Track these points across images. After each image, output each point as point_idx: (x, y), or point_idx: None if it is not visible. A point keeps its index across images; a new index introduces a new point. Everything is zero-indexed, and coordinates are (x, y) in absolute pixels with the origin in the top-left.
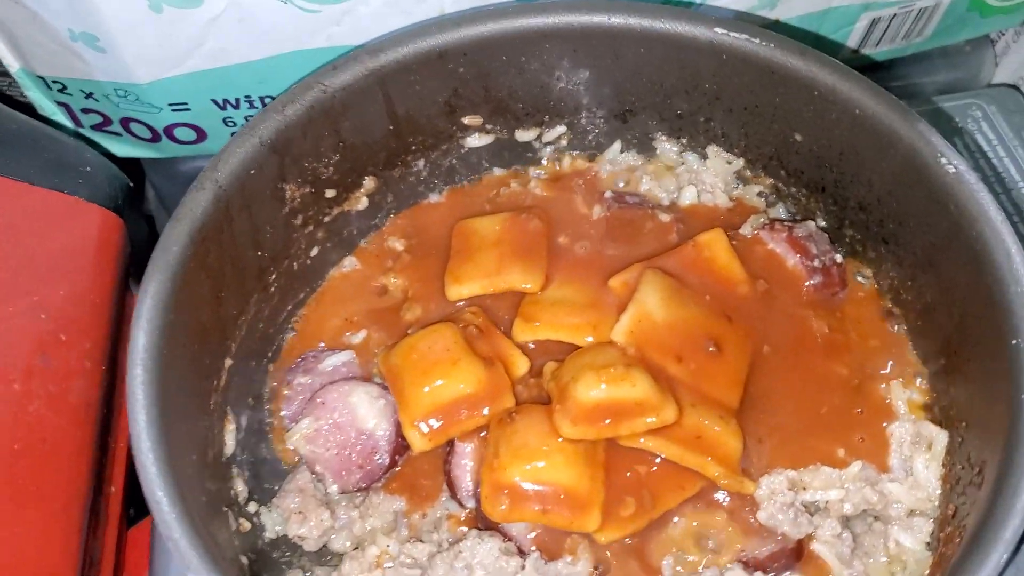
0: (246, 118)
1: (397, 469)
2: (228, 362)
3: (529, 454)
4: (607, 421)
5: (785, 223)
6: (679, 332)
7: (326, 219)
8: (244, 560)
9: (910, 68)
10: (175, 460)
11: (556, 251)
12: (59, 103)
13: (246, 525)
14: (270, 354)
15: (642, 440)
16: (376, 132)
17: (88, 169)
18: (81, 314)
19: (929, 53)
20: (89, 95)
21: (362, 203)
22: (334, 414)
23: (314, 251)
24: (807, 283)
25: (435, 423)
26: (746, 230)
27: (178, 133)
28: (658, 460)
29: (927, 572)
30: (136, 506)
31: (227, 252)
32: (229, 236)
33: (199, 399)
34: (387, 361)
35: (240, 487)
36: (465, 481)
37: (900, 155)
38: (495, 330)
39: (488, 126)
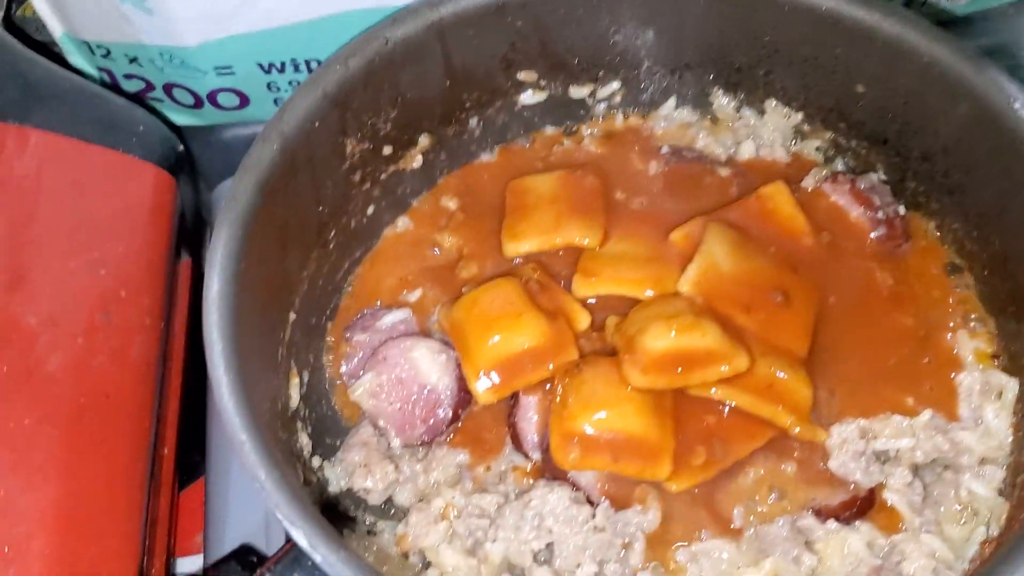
0: (289, 83)
1: (459, 424)
2: (292, 316)
3: (598, 403)
4: (678, 370)
5: (848, 175)
6: (746, 282)
7: (382, 176)
8: None
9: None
10: (253, 406)
11: (613, 207)
12: (101, 69)
13: (311, 479)
14: (329, 311)
15: (713, 390)
16: (433, 87)
17: (141, 128)
18: (139, 271)
19: (969, 17)
20: (133, 60)
21: (417, 161)
22: (396, 369)
23: (370, 209)
24: (871, 235)
25: (500, 376)
26: (808, 183)
27: (221, 99)
28: (727, 410)
29: (1004, 517)
30: (183, 472)
31: (292, 205)
32: (294, 189)
33: (269, 350)
34: (449, 316)
35: (304, 441)
36: (530, 433)
37: (970, 102)
38: (555, 285)
39: (543, 82)
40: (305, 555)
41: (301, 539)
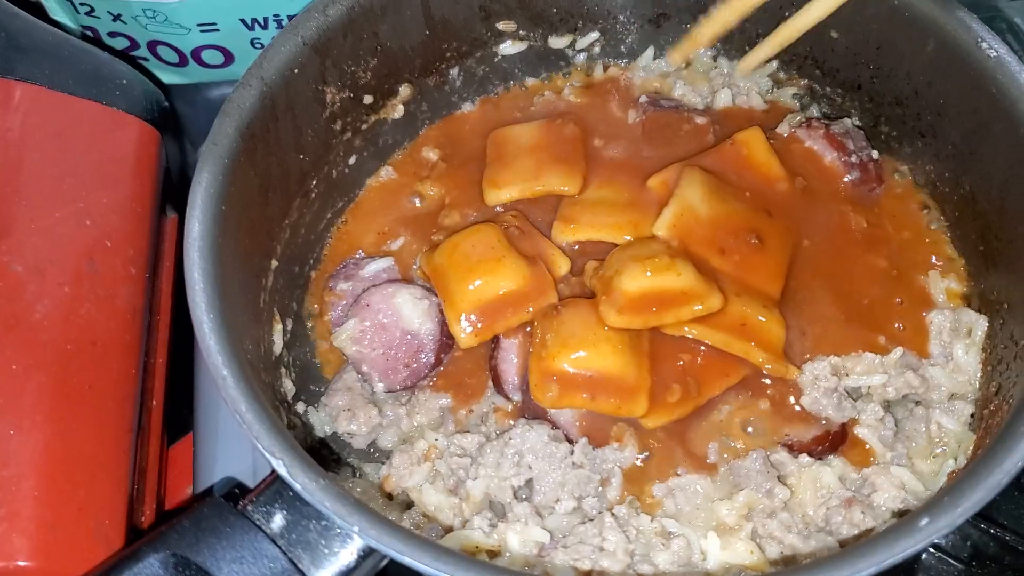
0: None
1: (442, 368)
2: (274, 263)
3: (577, 343)
4: (653, 310)
5: (822, 121)
6: (721, 225)
7: (363, 127)
8: None
9: None
10: (235, 345)
11: (592, 155)
12: (85, 28)
13: (296, 423)
14: (311, 261)
15: (687, 328)
16: (413, 36)
17: (124, 82)
18: (124, 222)
19: None
20: (117, 17)
21: (398, 111)
22: (379, 315)
23: (352, 159)
24: (845, 179)
25: (481, 320)
26: (783, 128)
27: (205, 56)
28: (703, 349)
29: (971, 448)
30: (172, 429)
31: (273, 151)
32: (275, 135)
33: (251, 295)
34: (430, 262)
35: (288, 386)
36: (511, 375)
37: (939, 43)
38: (535, 231)
39: (522, 32)
40: (287, 486)
41: (281, 468)
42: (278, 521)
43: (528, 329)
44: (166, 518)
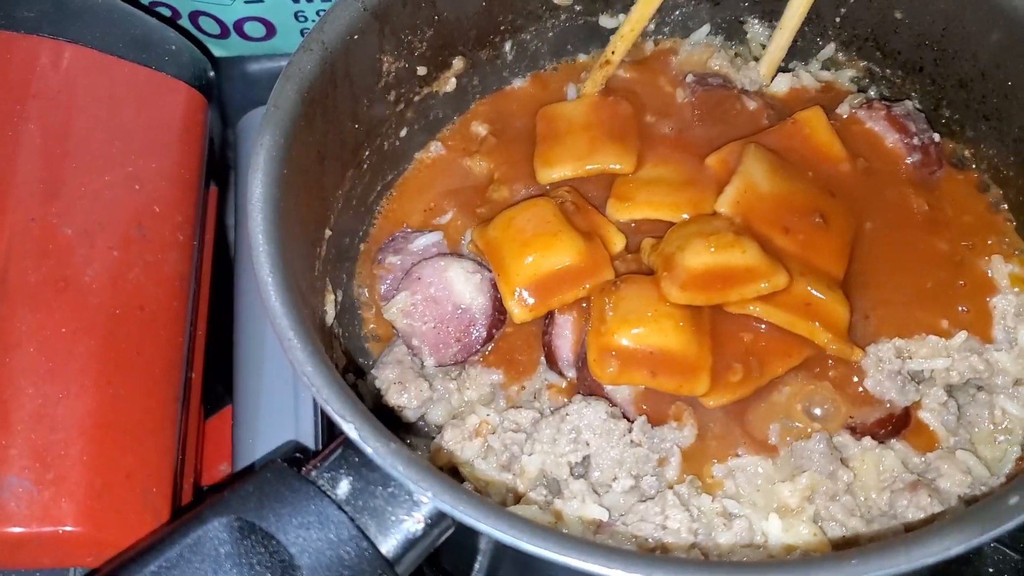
0: (318, 13)
1: (493, 343)
2: (328, 233)
3: (637, 319)
4: (716, 287)
5: (883, 102)
6: (785, 203)
7: (416, 98)
8: None
9: None
10: (299, 308)
11: (646, 133)
12: None
13: None
14: (361, 233)
15: (751, 307)
16: (469, 7)
17: (173, 48)
18: (172, 188)
19: None
20: None
21: (450, 84)
22: (430, 289)
23: (403, 132)
24: (906, 161)
25: (535, 295)
26: (843, 109)
27: (248, 28)
28: (764, 328)
29: None
30: (208, 402)
31: (330, 118)
32: (332, 102)
33: (308, 262)
34: (484, 235)
35: (340, 357)
36: (565, 351)
37: (1009, 23)
38: (590, 207)
39: (577, 7)
40: (353, 451)
41: (352, 432)
42: (344, 487)
43: (584, 305)
44: (201, 497)
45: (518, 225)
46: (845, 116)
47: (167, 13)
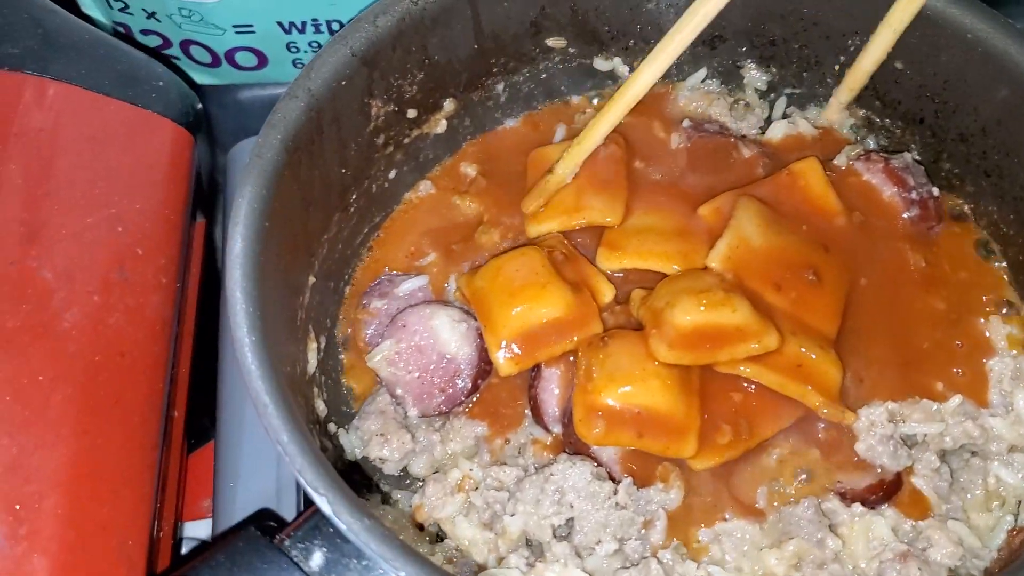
0: (310, 44)
1: (478, 395)
2: (312, 279)
3: (624, 377)
4: (706, 346)
5: (881, 154)
6: (777, 259)
7: (406, 140)
8: None
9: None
10: (276, 368)
11: (636, 178)
12: (117, 24)
13: (327, 445)
14: (346, 276)
15: (741, 367)
16: (461, 51)
17: (160, 83)
18: (156, 229)
19: None
20: (151, 15)
21: (441, 126)
22: (415, 337)
23: (392, 173)
24: (904, 215)
25: (522, 347)
26: (840, 160)
27: (239, 58)
28: (755, 388)
29: None
30: (191, 436)
31: (316, 165)
32: (319, 149)
33: (289, 312)
34: (471, 284)
35: (321, 407)
36: (551, 406)
37: (1014, 81)
38: (580, 256)
39: (571, 50)
40: (327, 521)
41: (324, 506)
42: (317, 558)
43: (571, 359)
44: (180, 537)
45: (506, 275)
46: (843, 167)
47: (158, 42)
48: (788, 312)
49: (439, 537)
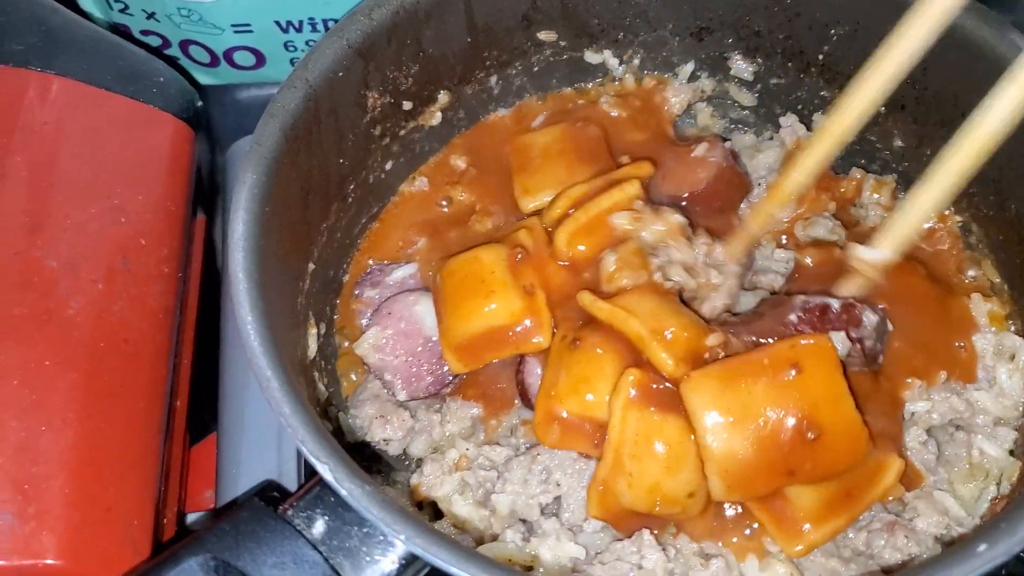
0: (307, 43)
1: (465, 375)
2: (311, 267)
3: (587, 389)
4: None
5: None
6: (771, 447)
7: (401, 132)
8: None
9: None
10: (278, 346)
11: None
12: (117, 24)
13: (328, 427)
14: (345, 265)
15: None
16: (455, 44)
17: (160, 79)
18: (158, 220)
19: None
20: (151, 15)
21: (436, 118)
22: (401, 323)
23: (389, 164)
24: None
25: (469, 351)
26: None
27: (237, 57)
28: None
29: (1016, 476)
30: (193, 430)
31: (315, 154)
32: (317, 138)
33: (289, 297)
34: (434, 279)
35: (321, 390)
36: (537, 389)
37: (991, 66)
38: (545, 252)
39: (562, 43)
40: (328, 491)
41: (327, 474)
42: (319, 527)
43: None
44: (184, 526)
45: (459, 278)
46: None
47: (157, 42)
48: (819, 475)
49: (437, 516)
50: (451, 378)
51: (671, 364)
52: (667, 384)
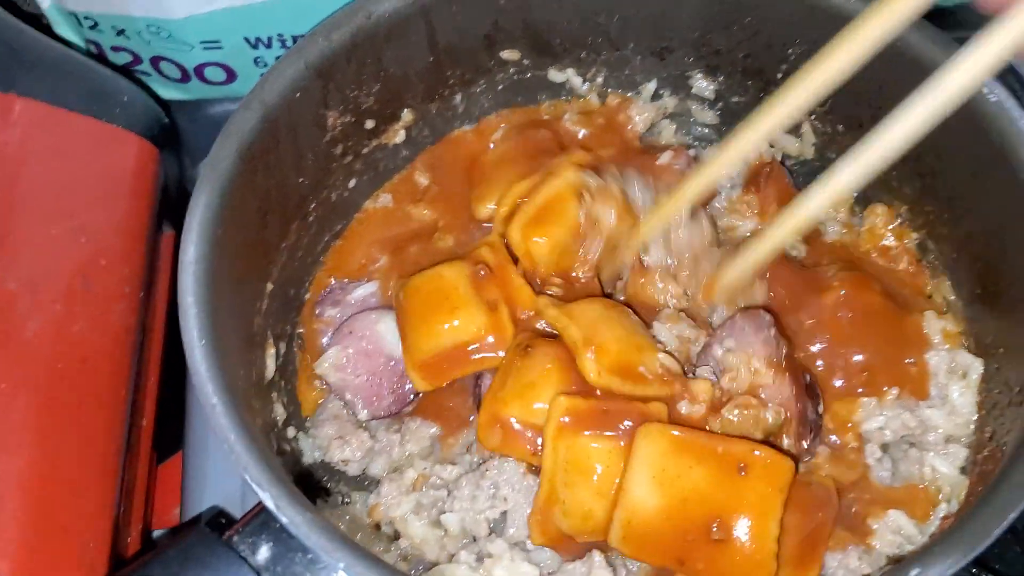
0: (276, 59)
1: (423, 394)
2: (269, 286)
3: (533, 396)
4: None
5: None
6: (677, 522)
7: (364, 151)
8: None
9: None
10: (226, 371)
11: None
12: (89, 41)
13: (285, 448)
14: (307, 284)
15: None
16: (417, 63)
17: (125, 99)
18: (120, 240)
19: (953, 9)
20: (120, 32)
21: (400, 136)
22: (362, 342)
23: (351, 182)
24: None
25: (433, 368)
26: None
27: (208, 73)
28: None
29: (963, 493)
30: (161, 447)
31: (272, 175)
32: (275, 158)
33: (245, 318)
34: (396, 297)
35: (279, 411)
36: None
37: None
38: (508, 267)
39: (525, 61)
40: (273, 517)
41: (268, 501)
42: (264, 553)
43: None
44: (150, 542)
45: (422, 295)
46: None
47: (128, 58)
48: None
49: (396, 536)
50: (412, 397)
51: (593, 374)
52: (606, 405)
